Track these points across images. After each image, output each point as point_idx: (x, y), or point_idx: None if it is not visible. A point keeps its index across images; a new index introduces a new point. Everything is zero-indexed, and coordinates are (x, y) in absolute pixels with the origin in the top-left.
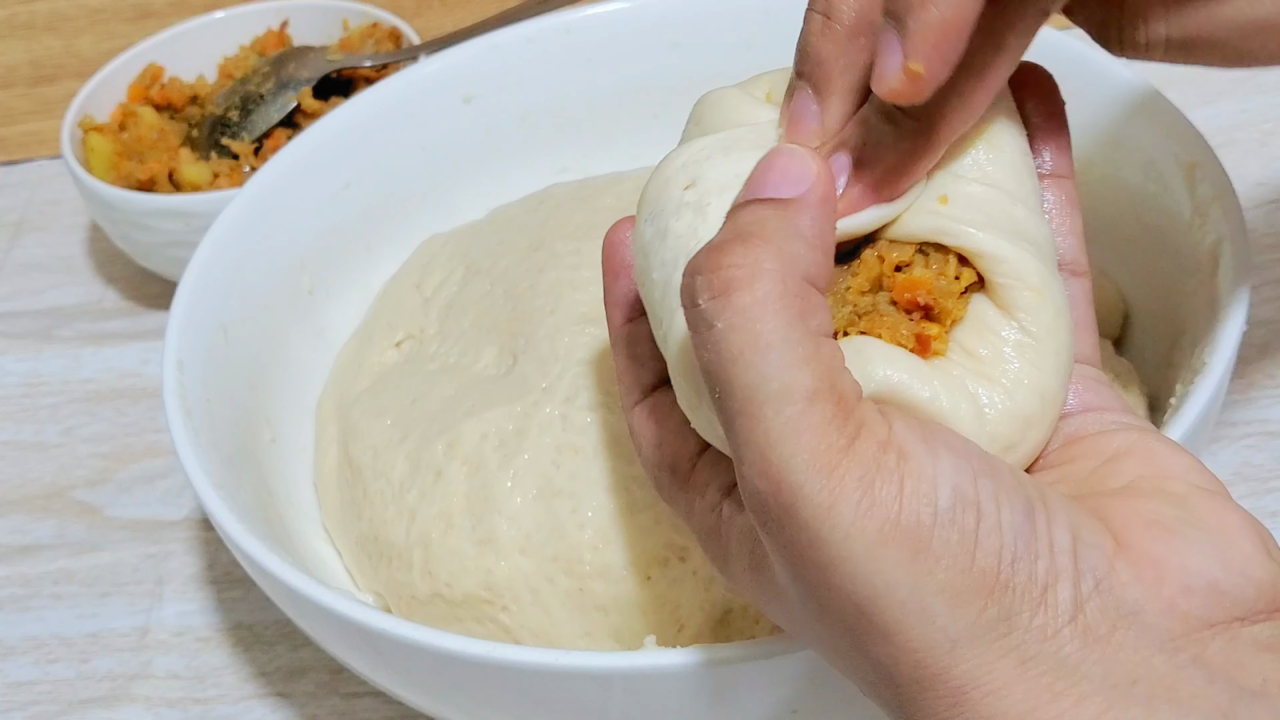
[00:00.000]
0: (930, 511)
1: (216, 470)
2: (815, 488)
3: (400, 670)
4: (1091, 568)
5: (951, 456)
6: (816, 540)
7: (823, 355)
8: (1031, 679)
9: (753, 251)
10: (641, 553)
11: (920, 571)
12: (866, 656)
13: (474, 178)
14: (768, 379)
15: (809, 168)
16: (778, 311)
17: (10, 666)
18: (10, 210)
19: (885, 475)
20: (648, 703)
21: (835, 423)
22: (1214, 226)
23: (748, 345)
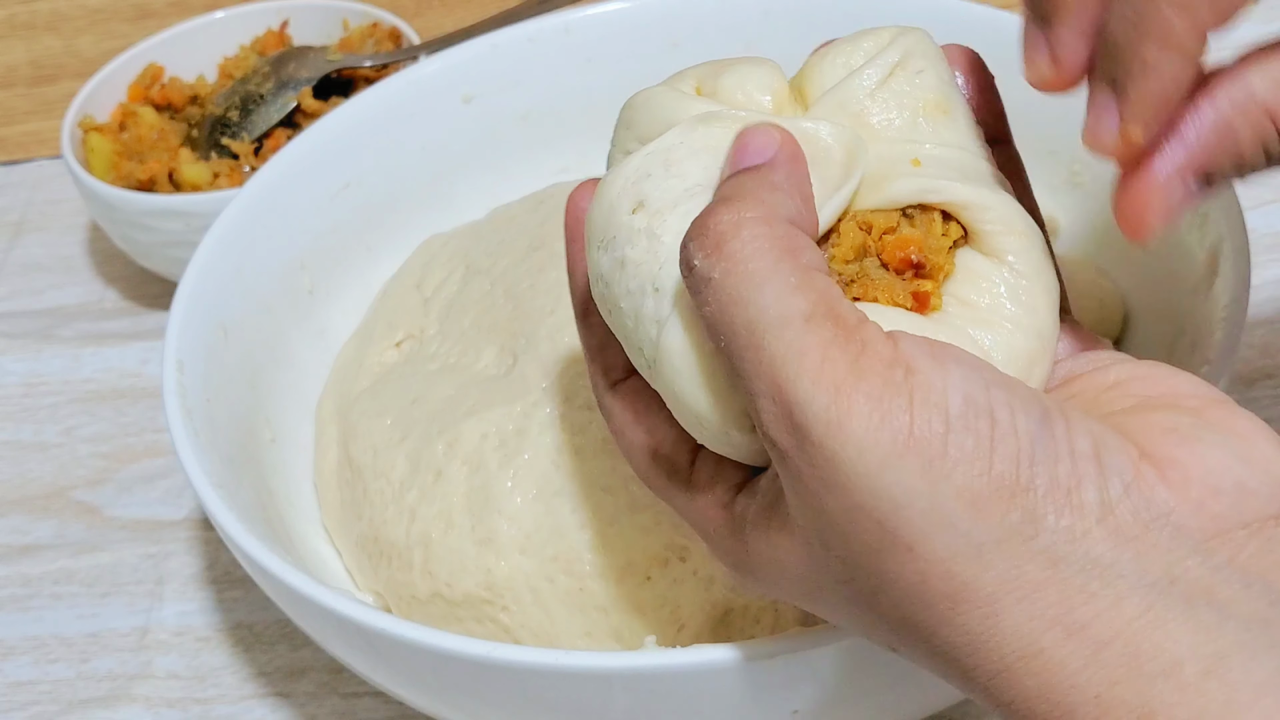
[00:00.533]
0: (942, 419)
1: (216, 470)
2: (823, 404)
3: (400, 670)
4: (1118, 471)
5: (961, 369)
6: (832, 459)
7: (816, 283)
8: (1064, 579)
9: (735, 207)
10: (642, 552)
11: (936, 478)
12: (895, 584)
13: (474, 178)
14: (765, 309)
15: (771, 136)
16: (767, 249)
17: (10, 666)
18: (10, 210)
19: (894, 389)
20: (648, 703)
21: (837, 342)
22: (1214, 226)
23: (744, 283)
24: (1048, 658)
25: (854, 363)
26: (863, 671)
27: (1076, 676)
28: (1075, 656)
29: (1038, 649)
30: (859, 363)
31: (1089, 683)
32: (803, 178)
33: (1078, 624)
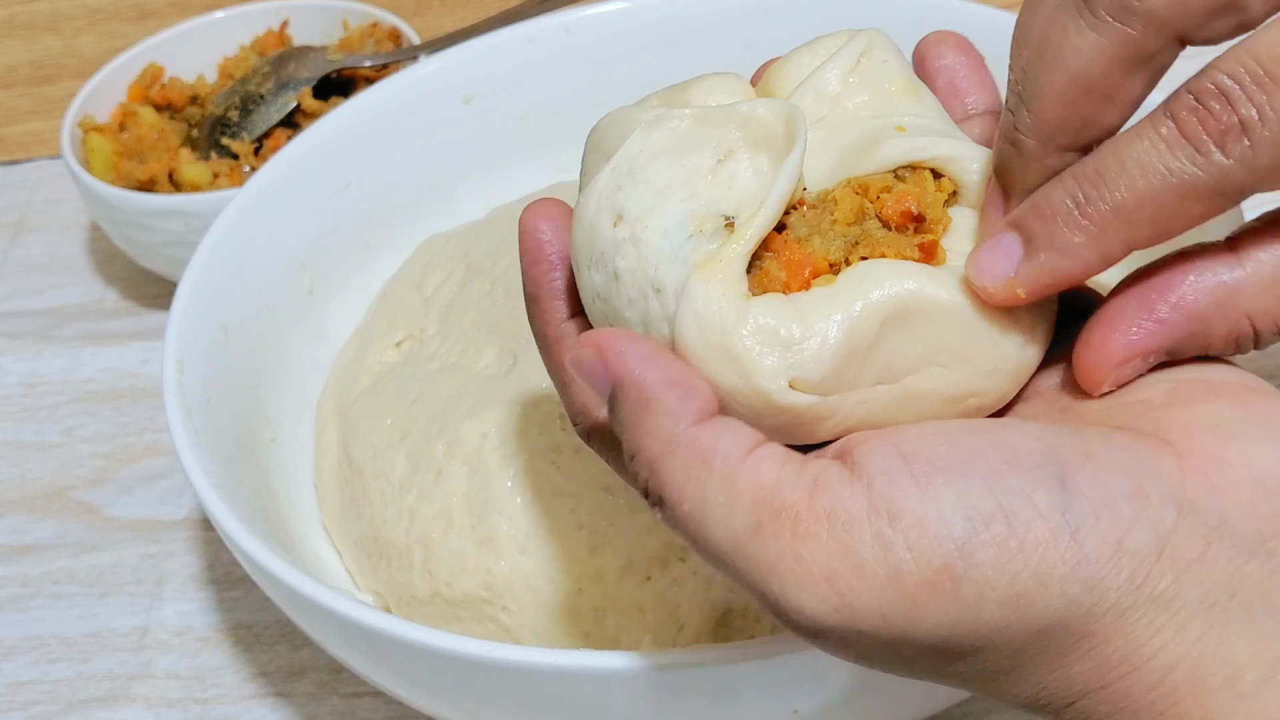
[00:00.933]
0: (950, 548)
1: (216, 470)
2: (821, 598)
3: (400, 670)
4: (1167, 496)
5: (949, 482)
6: (859, 636)
7: (743, 488)
8: (1129, 624)
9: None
10: (641, 552)
11: (972, 602)
12: (956, 673)
13: (474, 178)
14: (719, 541)
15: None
16: (685, 481)
17: (10, 666)
18: (10, 210)
19: (885, 545)
20: (648, 703)
21: (798, 535)
22: (1214, 227)
23: (691, 526)
24: (1114, 689)
25: (829, 543)
26: (863, 671)
27: (1140, 700)
28: (1140, 684)
29: (1104, 684)
30: (834, 539)
31: (1152, 704)
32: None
33: (1144, 657)
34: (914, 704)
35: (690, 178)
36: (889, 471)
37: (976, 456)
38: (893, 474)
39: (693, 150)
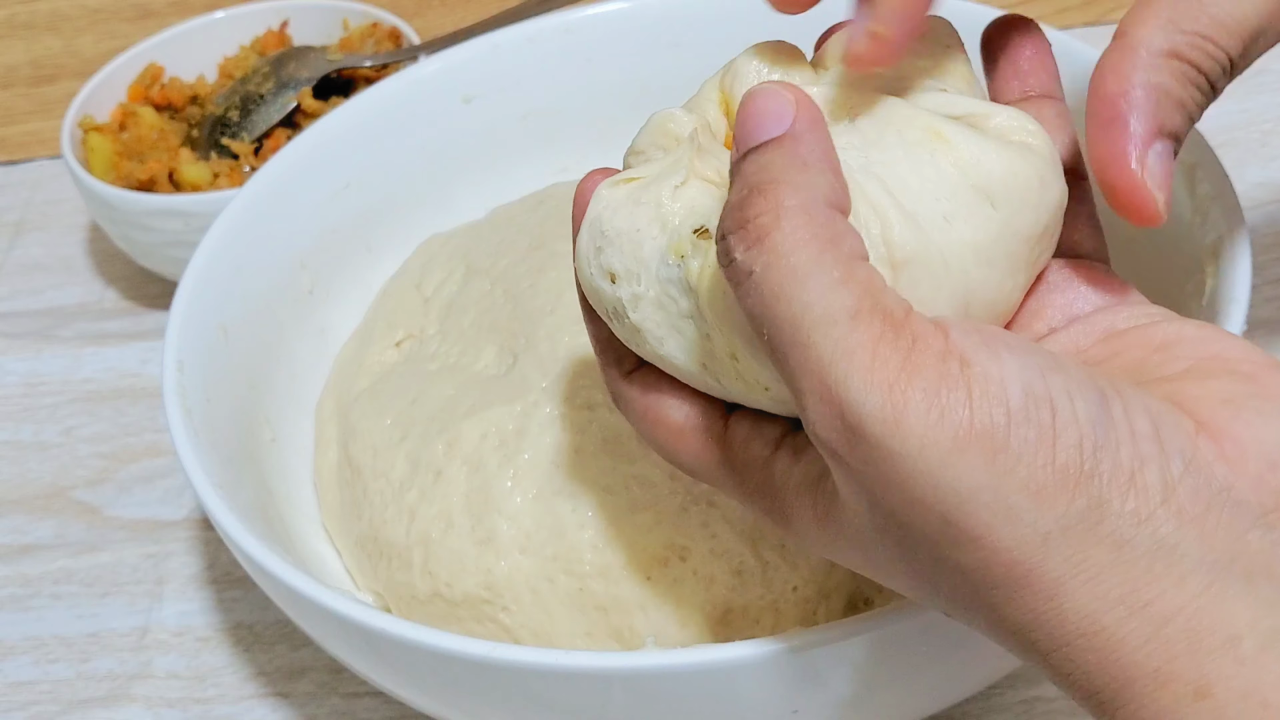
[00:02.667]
0: (1003, 412)
1: (216, 470)
2: (877, 403)
3: (400, 670)
4: (1178, 449)
5: (1016, 357)
6: (891, 456)
7: (859, 276)
8: (1129, 561)
9: (771, 195)
10: (641, 552)
11: (1001, 472)
12: (957, 569)
13: (474, 178)
14: (809, 306)
15: (785, 99)
16: (808, 241)
17: (10, 666)
18: (10, 210)
19: (950, 383)
20: (648, 703)
21: (886, 338)
22: (1214, 226)
23: (786, 279)
24: (1109, 635)
25: (906, 359)
26: (863, 671)
27: (1137, 653)
28: (1136, 633)
29: (1099, 627)
30: (911, 358)
31: (1149, 658)
32: (828, 146)
33: (1141, 602)
34: (914, 704)
35: (656, 215)
36: (965, 331)
37: (1036, 351)
38: (968, 333)
39: (650, 189)
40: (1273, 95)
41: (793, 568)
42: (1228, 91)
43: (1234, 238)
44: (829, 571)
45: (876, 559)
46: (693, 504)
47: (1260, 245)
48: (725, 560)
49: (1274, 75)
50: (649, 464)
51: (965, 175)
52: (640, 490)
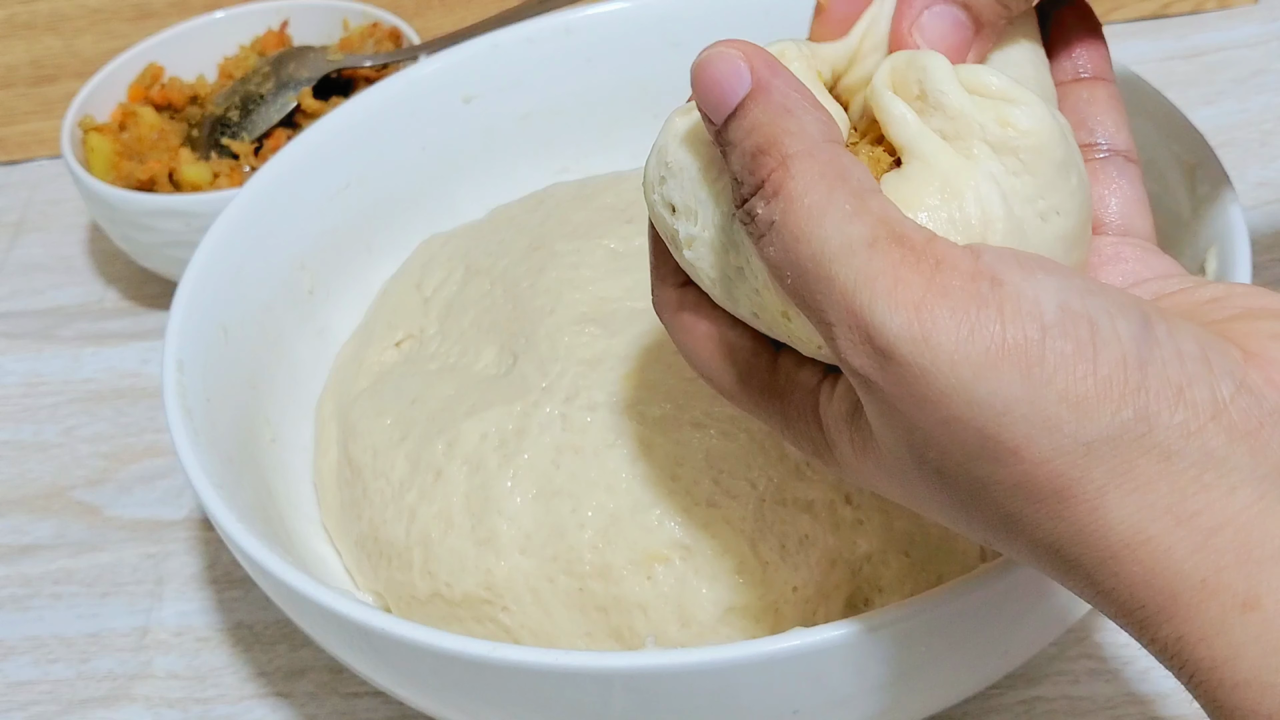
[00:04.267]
0: (1037, 326)
1: (216, 470)
2: (903, 322)
3: (400, 670)
4: (1228, 371)
5: (1053, 278)
6: (922, 374)
7: (871, 207)
8: (1178, 472)
9: (774, 150)
10: (642, 552)
11: (1038, 383)
12: (997, 486)
13: (474, 178)
14: (827, 240)
15: (733, 57)
16: (817, 181)
17: (10, 666)
18: (10, 210)
19: (979, 301)
20: (648, 703)
21: (907, 262)
22: (1214, 226)
23: (804, 220)
24: (1155, 545)
25: (930, 279)
26: (863, 671)
27: (1183, 563)
28: (1184, 543)
29: (1145, 537)
30: (936, 279)
31: (1195, 569)
32: (794, 83)
33: (1189, 512)
34: (915, 704)
35: (718, 157)
36: (999, 254)
37: (1075, 274)
38: (1002, 256)
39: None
40: (1273, 95)
41: (793, 568)
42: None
43: (1234, 238)
44: (829, 571)
45: (914, 489)
46: (693, 504)
47: (1260, 245)
48: (725, 560)
49: (1274, 75)
50: (649, 463)
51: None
52: (640, 490)
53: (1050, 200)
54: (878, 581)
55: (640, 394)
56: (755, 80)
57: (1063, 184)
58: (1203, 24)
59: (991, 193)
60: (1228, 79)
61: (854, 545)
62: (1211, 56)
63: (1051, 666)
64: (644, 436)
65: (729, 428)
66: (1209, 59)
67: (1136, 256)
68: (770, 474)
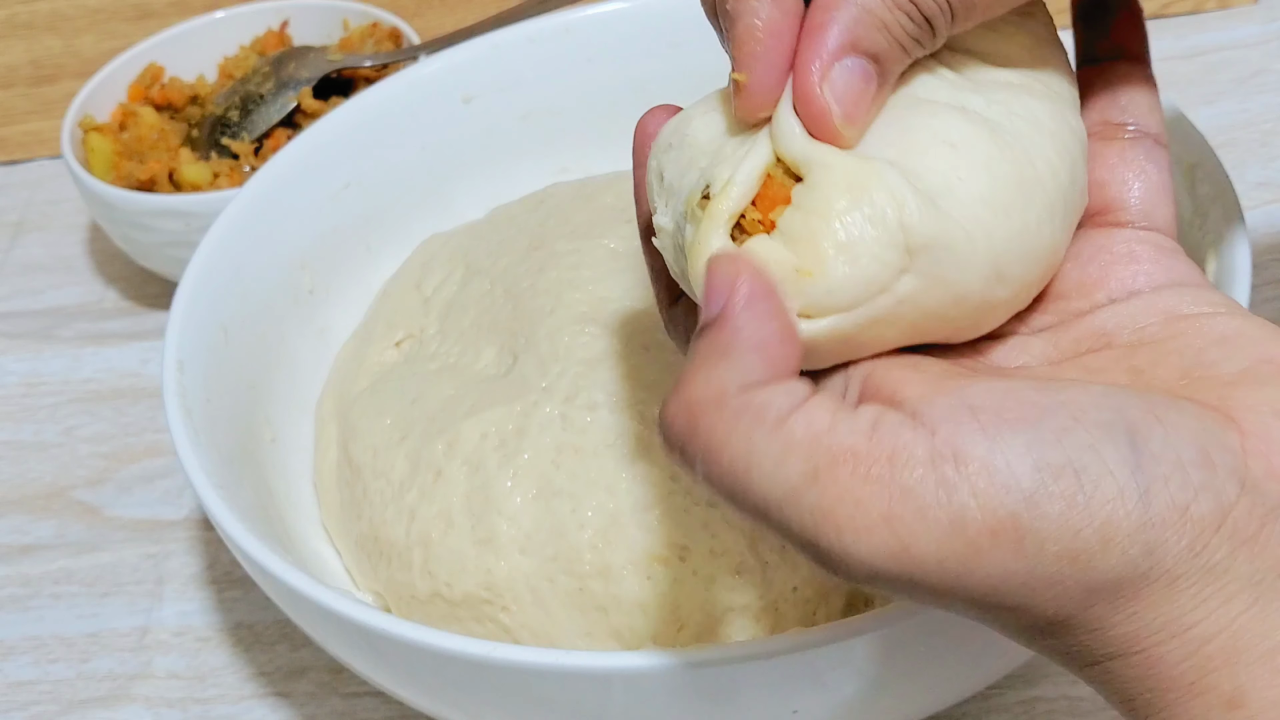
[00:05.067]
0: (1017, 497)
1: (216, 470)
2: (879, 543)
3: (400, 670)
4: (1231, 470)
5: (1018, 433)
6: (913, 582)
7: (797, 437)
8: (1178, 592)
9: (682, 394)
10: (641, 553)
11: (1032, 553)
12: (997, 626)
13: (474, 178)
14: (767, 491)
15: (727, 275)
16: (729, 432)
17: (10, 666)
18: (10, 210)
19: (949, 490)
20: (648, 703)
21: (857, 477)
22: (1214, 226)
23: (729, 474)
24: (1148, 654)
25: (889, 485)
26: (863, 671)
27: (1174, 669)
28: (1175, 653)
29: (1140, 649)
30: (895, 482)
31: (1185, 674)
32: (760, 319)
33: (1184, 626)
34: (915, 704)
35: (720, 149)
36: (954, 420)
37: (1045, 413)
38: (959, 423)
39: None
40: (1273, 95)
41: (793, 568)
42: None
43: (1234, 238)
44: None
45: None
46: (693, 504)
47: (1260, 245)
48: (725, 560)
49: (1274, 75)
50: (649, 463)
51: (970, 122)
52: (640, 490)
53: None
54: None
55: (640, 394)
56: (725, 308)
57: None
58: (1203, 24)
59: (894, 177)
60: (1228, 79)
61: None
62: (1211, 56)
63: (1052, 666)
64: (644, 436)
65: None
66: (1209, 59)
67: (1152, 257)
68: None
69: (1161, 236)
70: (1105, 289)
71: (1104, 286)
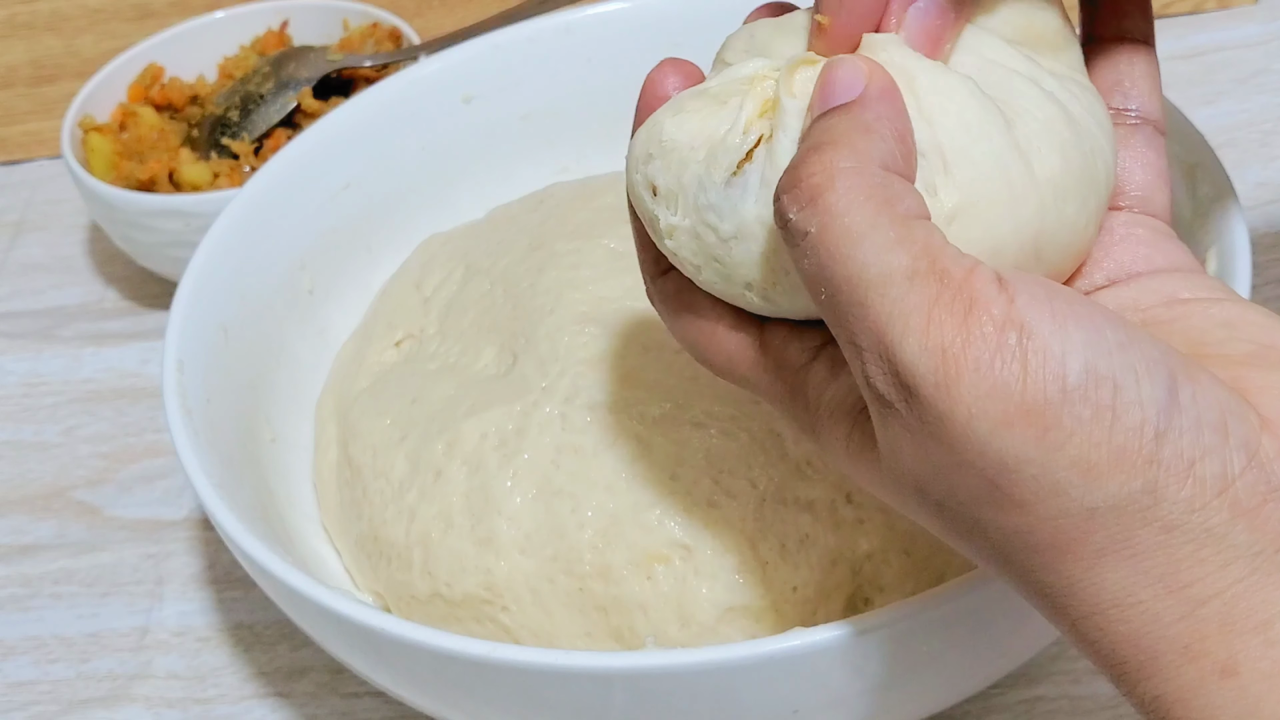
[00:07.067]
0: (1058, 388)
1: (216, 470)
2: (931, 367)
3: (400, 670)
4: (1243, 442)
5: (1084, 332)
6: (941, 418)
7: (916, 236)
8: (1175, 545)
9: (826, 156)
10: (642, 552)
11: (1050, 447)
12: (997, 530)
13: (474, 178)
14: (866, 266)
15: (858, 68)
16: (863, 202)
17: (10, 666)
18: (10, 210)
19: (1006, 354)
20: (648, 703)
21: (942, 301)
22: (1214, 226)
23: (842, 240)
24: (1144, 609)
25: (963, 323)
26: (863, 671)
27: (1168, 629)
28: (1171, 611)
29: (1135, 600)
30: (968, 323)
31: (1180, 635)
32: (897, 113)
33: (1180, 583)
34: (915, 704)
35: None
36: (1034, 295)
37: (1109, 325)
38: (1037, 298)
39: (719, 110)
40: (1273, 95)
41: (793, 568)
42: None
43: (1234, 238)
44: (829, 571)
45: (909, 504)
46: (693, 504)
47: (1260, 245)
48: (725, 560)
49: (1274, 75)
50: (649, 463)
51: (1053, 104)
52: (640, 490)
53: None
54: (878, 581)
55: (640, 394)
56: (863, 94)
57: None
58: (1203, 24)
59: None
60: (1228, 79)
61: (854, 545)
62: (1211, 56)
63: (1052, 666)
64: (644, 436)
65: (729, 427)
66: (1209, 59)
67: (1150, 240)
68: (770, 473)
69: (1158, 222)
70: (1104, 270)
71: (1102, 267)
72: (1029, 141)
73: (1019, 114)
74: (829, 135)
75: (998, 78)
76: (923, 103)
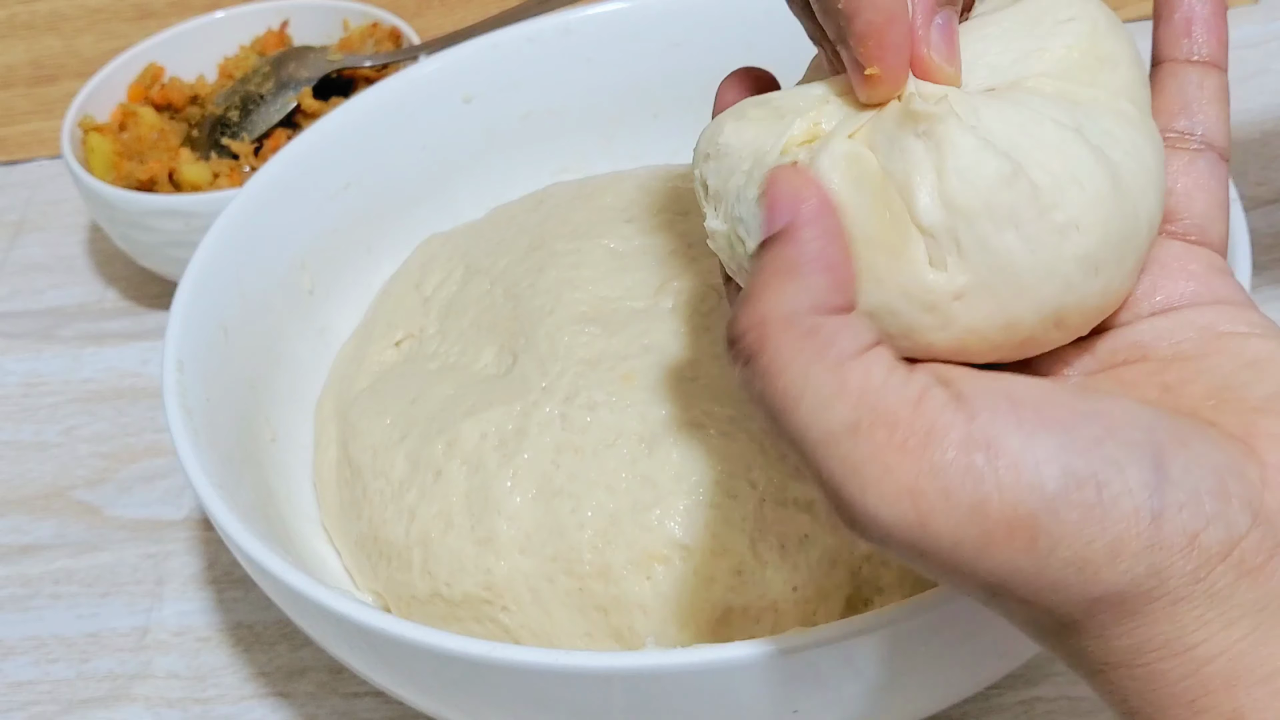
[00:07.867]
0: (1038, 498)
1: (216, 470)
2: (899, 512)
3: (400, 670)
4: (1245, 504)
5: (1054, 435)
6: (924, 554)
7: (851, 383)
8: (1180, 614)
9: (759, 308)
10: (642, 552)
11: (1041, 554)
12: (1004, 613)
13: (474, 178)
14: (807, 428)
15: (792, 191)
16: (793, 359)
17: (10, 666)
18: (10, 210)
19: (975, 479)
20: (648, 703)
21: (893, 445)
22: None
23: (783, 400)
24: (1150, 670)
25: (920, 459)
26: (863, 671)
27: (1174, 686)
28: (1176, 670)
29: (1142, 662)
30: (925, 457)
31: (1185, 691)
32: (830, 237)
33: (1186, 646)
34: (915, 704)
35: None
36: (994, 409)
37: (1081, 420)
38: (997, 412)
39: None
40: (1273, 95)
41: (793, 568)
42: None
43: (1234, 238)
44: (829, 571)
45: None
46: (693, 505)
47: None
48: (725, 560)
49: (1274, 75)
50: (649, 463)
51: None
52: (640, 490)
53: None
54: (878, 582)
55: (640, 394)
56: (793, 222)
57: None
58: None
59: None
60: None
61: (854, 545)
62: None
63: (1051, 666)
64: (644, 436)
65: (729, 428)
66: None
67: (1201, 275)
68: (770, 474)
69: (1213, 254)
70: (1150, 301)
71: (1149, 299)
72: (1068, 219)
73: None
74: (761, 278)
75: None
76: (945, 184)
